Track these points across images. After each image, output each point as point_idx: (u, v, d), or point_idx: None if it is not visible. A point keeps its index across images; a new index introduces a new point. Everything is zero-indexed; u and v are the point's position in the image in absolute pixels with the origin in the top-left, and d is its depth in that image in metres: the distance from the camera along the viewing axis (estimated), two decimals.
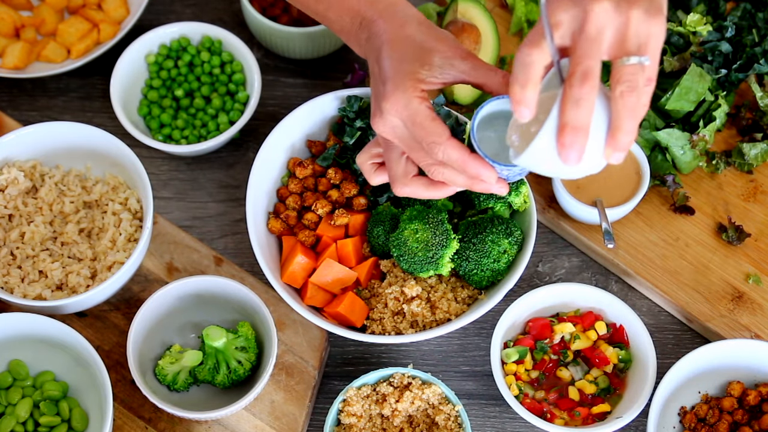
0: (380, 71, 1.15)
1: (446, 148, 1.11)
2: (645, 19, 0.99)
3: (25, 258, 1.38)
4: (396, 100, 1.12)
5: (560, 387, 1.37)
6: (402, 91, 1.11)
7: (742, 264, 1.45)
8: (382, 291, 1.34)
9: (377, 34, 1.17)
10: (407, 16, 1.17)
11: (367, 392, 1.34)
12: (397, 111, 1.12)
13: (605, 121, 1.02)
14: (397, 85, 1.12)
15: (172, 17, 1.66)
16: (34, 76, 1.54)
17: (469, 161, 1.12)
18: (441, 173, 1.14)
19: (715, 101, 1.48)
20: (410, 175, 1.18)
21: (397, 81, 1.12)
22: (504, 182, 1.16)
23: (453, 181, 1.15)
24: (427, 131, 1.11)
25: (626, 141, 1.01)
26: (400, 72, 1.12)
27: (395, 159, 1.18)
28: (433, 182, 1.18)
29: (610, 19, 0.99)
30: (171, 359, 1.34)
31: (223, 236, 1.50)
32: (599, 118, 1.02)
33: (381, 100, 1.13)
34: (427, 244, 1.29)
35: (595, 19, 0.98)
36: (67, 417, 1.31)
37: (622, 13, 0.98)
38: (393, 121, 1.13)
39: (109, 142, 1.41)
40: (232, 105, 1.54)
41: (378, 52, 1.16)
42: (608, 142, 1.02)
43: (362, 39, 1.20)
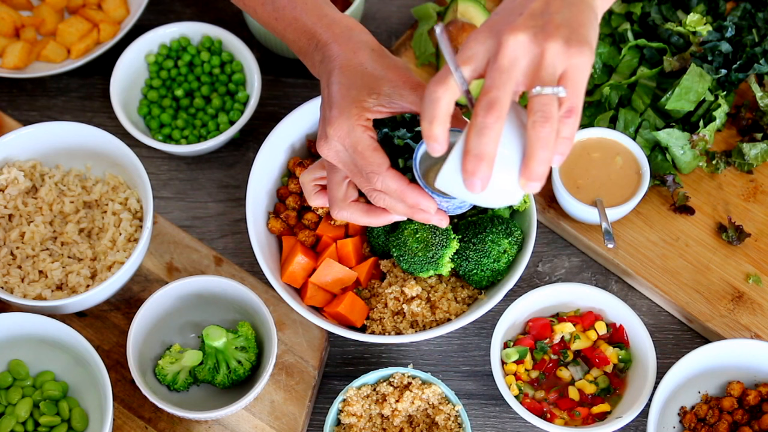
0: (329, 95, 1.16)
1: (385, 178, 1.13)
2: (563, 51, 0.99)
3: (25, 258, 1.38)
4: (340, 126, 1.13)
5: (560, 387, 1.37)
6: (346, 117, 1.13)
7: (742, 264, 1.45)
8: (382, 291, 1.34)
9: (330, 58, 1.19)
10: (361, 43, 1.19)
11: (367, 392, 1.34)
12: (340, 137, 1.14)
13: (521, 151, 1.03)
14: (342, 111, 1.13)
15: (172, 17, 1.66)
16: (34, 76, 1.54)
17: (408, 191, 1.14)
18: (382, 199, 1.16)
19: (715, 101, 1.48)
20: (349, 200, 1.21)
21: (343, 107, 1.14)
22: (443, 214, 1.18)
23: (393, 209, 1.17)
24: (367, 161, 1.13)
25: (540, 171, 1.00)
26: (347, 98, 1.14)
27: (336, 182, 1.20)
28: (372, 209, 1.20)
29: (524, 51, 0.99)
30: (171, 359, 1.34)
31: (223, 236, 1.50)
32: (515, 149, 1.03)
33: (326, 125, 1.15)
34: (426, 245, 1.29)
35: (507, 51, 0.99)
36: (67, 417, 1.31)
37: (538, 45, 0.99)
38: (336, 146, 1.15)
39: (109, 142, 1.41)
40: (232, 105, 1.54)
41: (329, 76, 1.17)
42: (522, 172, 1.02)
43: (316, 60, 1.22)
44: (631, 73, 1.52)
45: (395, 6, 1.69)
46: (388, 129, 1.25)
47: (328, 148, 1.16)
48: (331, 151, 1.16)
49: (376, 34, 1.66)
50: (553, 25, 0.99)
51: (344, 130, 1.13)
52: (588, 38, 1.00)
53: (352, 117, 1.13)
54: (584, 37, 1.00)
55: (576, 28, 1.00)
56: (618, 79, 1.51)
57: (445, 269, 1.31)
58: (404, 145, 1.25)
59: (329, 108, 1.15)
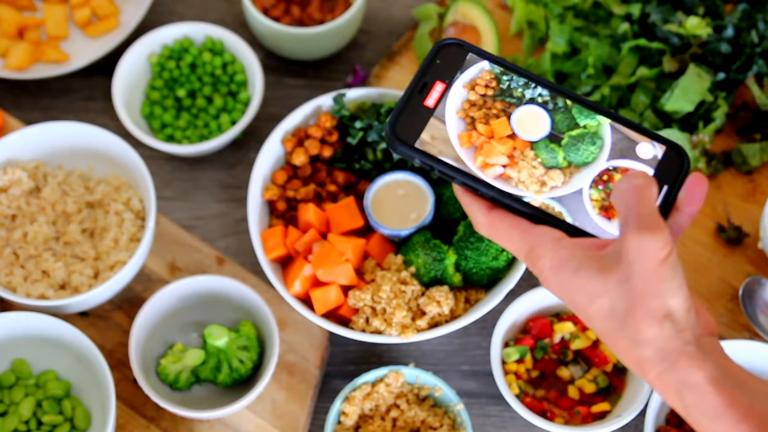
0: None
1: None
2: None
3: (28, 258, 1.38)
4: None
5: (560, 386, 1.37)
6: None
7: (741, 264, 1.45)
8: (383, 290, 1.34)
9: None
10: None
11: (368, 391, 1.34)
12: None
13: None
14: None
15: (175, 18, 1.67)
16: (37, 77, 1.55)
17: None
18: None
19: (715, 102, 1.49)
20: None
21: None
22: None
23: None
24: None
25: None
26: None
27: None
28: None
29: None
30: (173, 358, 1.34)
31: (224, 236, 1.51)
32: None
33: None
34: (427, 268, 1.30)
35: None
36: (69, 416, 1.32)
37: None
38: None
39: (112, 142, 1.42)
40: (234, 105, 1.55)
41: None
42: None
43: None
44: (630, 74, 1.52)
45: (396, 7, 1.69)
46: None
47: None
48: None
49: (376, 35, 1.67)
50: None
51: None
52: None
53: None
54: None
55: None
56: (618, 80, 1.52)
57: (456, 278, 1.32)
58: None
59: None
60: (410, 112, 0.90)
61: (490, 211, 0.90)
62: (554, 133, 0.89)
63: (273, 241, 1.36)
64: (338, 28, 1.55)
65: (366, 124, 1.41)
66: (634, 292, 0.81)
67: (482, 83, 0.90)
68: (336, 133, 1.42)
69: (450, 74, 0.91)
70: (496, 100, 0.90)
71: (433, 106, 0.90)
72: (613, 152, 0.89)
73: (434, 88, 0.90)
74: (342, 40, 1.59)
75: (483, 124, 0.89)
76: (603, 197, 0.88)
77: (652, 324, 0.81)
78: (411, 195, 1.36)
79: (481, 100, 0.90)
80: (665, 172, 0.89)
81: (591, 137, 0.89)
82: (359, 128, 1.41)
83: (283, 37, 1.55)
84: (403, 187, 1.36)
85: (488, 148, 0.88)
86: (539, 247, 0.87)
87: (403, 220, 1.35)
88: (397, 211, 1.35)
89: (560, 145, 0.89)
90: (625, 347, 0.83)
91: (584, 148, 0.89)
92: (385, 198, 1.35)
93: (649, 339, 0.81)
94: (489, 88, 0.90)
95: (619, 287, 0.82)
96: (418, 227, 1.34)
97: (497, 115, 0.89)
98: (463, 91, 0.90)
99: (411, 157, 0.89)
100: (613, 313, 0.82)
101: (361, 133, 1.41)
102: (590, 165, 0.88)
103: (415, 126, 0.90)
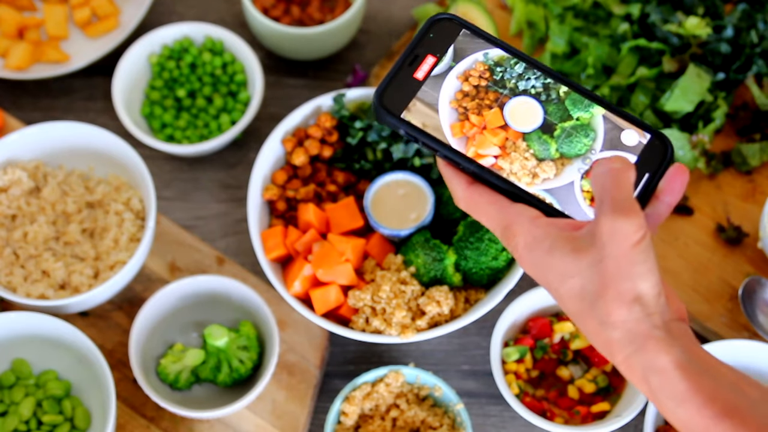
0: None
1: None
2: None
3: (28, 258, 1.38)
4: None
5: (560, 386, 1.37)
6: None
7: (740, 264, 1.45)
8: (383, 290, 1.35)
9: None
10: None
11: (368, 391, 1.34)
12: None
13: None
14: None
15: (175, 18, 1.67)
16: (37, 77, 1.55)
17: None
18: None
19: (714, 102, 1.49)
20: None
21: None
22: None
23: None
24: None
25: None
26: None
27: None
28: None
29: None
30: (173, 358, 1.34)
31: (224, 236, 1.51)
32: None
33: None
34: (426, 268, 1.30)
35: None
36: (70, 415, 1.32)
37: None
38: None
39: (112, 142, 1.42)
40: (234, 105, 1.55)
41: None
42: None
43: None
44: (630, 74, 1.52)
45: (396, 7, 1.69)
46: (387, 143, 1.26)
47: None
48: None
49: (376, 35, 1.67)
50: None
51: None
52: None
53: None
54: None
55: None
56: (617, 80, 1.52)
57: (456, 278, 1.32)
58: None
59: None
60: (399, 84, 0.90)
61: (470, 186, 0.91)
62: (547, 124, 0.89)
63: (273, 241, 1.36)
64: (338, 28, 1.55)
65: (366, 124, 1.41)
66: (605, 274, 0.81)
67: (476, 74, 0.90)
68: (336, 133, 1.42)
69: (442, 49, 0.92)
70: (489, 91, 0.90)
71: (423, 78, 0.91)
72: (605, 144, 0.89)
73: (425, 61, 0.91)
74: (342, 40, 1.60)
75: (476, 115, 0.89)
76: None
77: (622, 306, 0.81)
78: (411, 195, 1.36)
79: (474, 90, 0.90)
80: (648, 160, 0.89)
81: (584, 129, 0.89)
82: (359, 128, 1.41)
83: (283, 37, 1.55)
84: (403, 187, 1.36)
85: (480, 139, 0.89)
86: (515, 224, 0.87)
87: (403, 220, 1.35)
88: (396, 211, 1.35)
89: (553, 137, 0.89)
90: (594, 329, 0.83)
91: (577, 140, 0.89)
92: (385, 198, 1.36)
93: (618, 321, 0.82)
94: (482, 79, 0.90)
95: (591, 268, 0.82)
96: (417, 227, 1.34)
97: (490, 106, 0.89)
98: (457, 81, 0.90)
99: (396, 127, 0.90)
100: (584, 294, 0.83)
101: (361, 133, 1.41)
102: (582, 157, 0.89)
103: (403, 97, 0.90)
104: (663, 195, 0.88)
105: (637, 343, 0.81)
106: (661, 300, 0.82)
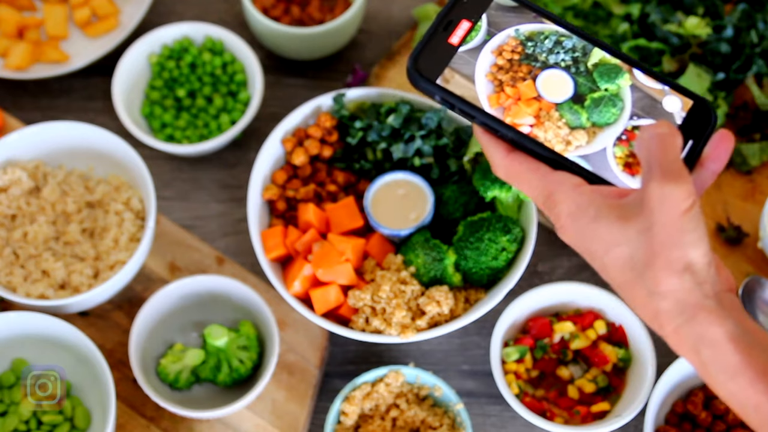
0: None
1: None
2: None
3: (28, 257, 1.38)
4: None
5: (560, 386, 1.37)
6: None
7: (740, 264, 1.45)
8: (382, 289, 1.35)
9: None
10: None
11: (368, 390, 1.34)
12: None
13: None
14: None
15: (175, 18, 1.67)
16: (37, 77, 1.55)
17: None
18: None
19: (714, 102, 1.49)
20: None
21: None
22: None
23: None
24: None
25: None
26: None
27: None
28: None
29: None
30: (173, 358, 1.34)
31: (224, 236, 1.51)
32: None
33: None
34: (426, 268, 1.30)
35: None
36: (69, 415, 1.32)
37: None
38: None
39: (112, 142, 1.42)
40: (234, 105, 1.55)
41: None
42: None
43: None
44: None
45: (396, 7, 1.69)
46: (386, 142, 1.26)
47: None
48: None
49: (376, 35, 1.67)
50: None
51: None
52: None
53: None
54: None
55: None
56: None
57: (456, 278, 1.32)
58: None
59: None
60: (433, 49, 0.91)
61: (510, 154, 0.89)
62: (577, 95, 0.91)
63: (273, 241, 1.36)
64: (338, 28, 1.55)
65: (366, 124, 1.41)
66: (654, 242, 0.79)
67: (508, 49, 0.92)
68: (336, 133, 1.42)
69: (476, 13, 0.92)
70: (522, 64, 0.92)
71: (458, 44, 0.92)
72: (634, 112, 0.90)
73: (459, 26, 0.92)
74: (342, 40, 1.60)
75: (510, 87, 0.91)
76: (626, 154, 0.89)
77: (672, 275, 0.79)
78: (411, 195, 1.36)
79: (507, 64, 0.92)
80: (691, 127, 0.89)
81: (612, 99, 0.91)
82: (359, 128, 1.41)
83: (283, 37, 1.55)
84: (402, 187, 1.36)
85: (516, 109, 0.90)
86: (558, 192, 0.85)
87: (403, 220, 1.35)
88: (396, 211, 1.35)
89: (583, 107, 0.90)
90: (642, 299, 0.81)
91: (606, 109, 0.91)
92: (385, 198, 1.36)
93: (668, 291, 0.79)
94: (515, 53, 0.92)
95: (639, 236, 0.80)
96: (417, 227, 1.34)
97: (523, 78, 0.91)
98: (491, 55, 0.92)
99: (431, 93, 0.90)
100: (632, 263, 0.80)
101: (360, 133, 1.41)
102: (612, 125, 0.90)
103: (438, 63, 0.91)
104: (708, 162, 0.86)
105: (688, 313, 0.79)
106: (712, 269, 0.80)
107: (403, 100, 1.42)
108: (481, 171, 1.32)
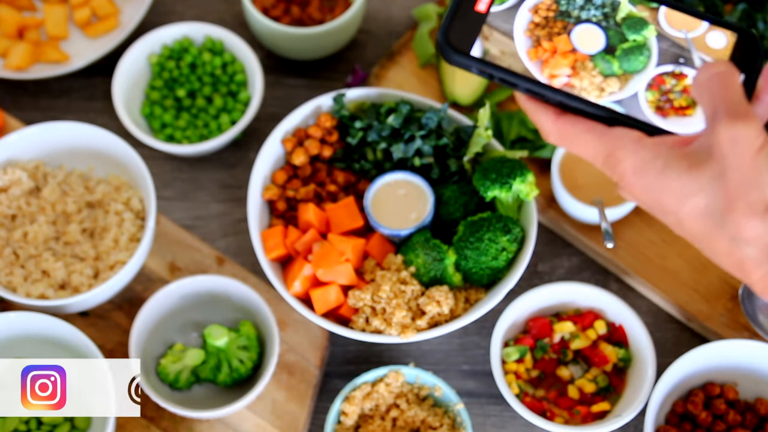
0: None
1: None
2: None
3: (28, 257, 1.38)
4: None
5: (560, 386, 1.37)
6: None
7: None
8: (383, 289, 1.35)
9: None
10: None
11: (368, 390, 1.34)
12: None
13: None
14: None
15: (175, 18, 1.67)
16: (37, 77, 1.55)
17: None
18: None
19: None
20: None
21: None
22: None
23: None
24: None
25: None
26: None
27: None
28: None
29: None
30: (173, 358, 1.34)
31: (224, 236, 1.51)
32: None
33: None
34: (426, 268, 1.30)
35: None
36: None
37: None
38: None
39: (112, 142, 1.42)
40: (234, 105, 1.55)
41: None
42: None
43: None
44: None
45: (396, 7, 1.69)
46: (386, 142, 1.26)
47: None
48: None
49: (376, 35, 1.67)
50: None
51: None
52: None
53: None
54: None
55: None
56: None
57: (456, 278, 1.32)
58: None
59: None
60: (461, 19, 0.90)
61: (560, 117, 0.86)
62: (609, 46, 0.93)
63: (273, 241, 1.36)
64: (338, 28, 1.55)
65: (366, 124, 1.41)
66: (730, 187, 0.75)
67: (544, 7, 0.95)
68: (336, 133, 1.42)
69: None
70: (557, 21, 0.94)
71: (485, 10, 0.92)
72: (661, 59, 0.92)
73: None
74: (342, 40, 1.60)
75: (547, 41, 0.93)
76: (658, 98, 0.91)
77: (754, 219, 0.75)
78: (411, 195, 1.36)
79: (543, 21, 0.94)
80: (740, 61, 0.88)
81: (640, 49, 0.94)
82: (359, 128, 1.41)
83: (283, 37, 1.55)
84: (403, 187, 1.36)
85: (553, 61, 0.92)
86: (619, 149, 0.81)
87: (403, 220, 1.35)
88: (397, 211, 1.35)
89: (615, 56, 0.93)
90: (725, 248, 0.77)
91: (634, 57, 0.93)
92: (385, 198, 1.36)
93: (752, 236, 0.75)
94: (550, 11, 0.95)
95: (714, 183, 0.76)
96: (418, 227, 1.34)
97: (559, 33, 0.94)
98: (528, 14, 0.94)
99: (467, 67, 0.89)
100: (709, 211, 0.76)
101: (361, 133, 1.41)
102: (642, 71, 0.92)
103: (469, 32, 0.90)
104: (763, 94, 0.82)
105: None
106: None
107: (403, 100, 1.42)
108: (481, 171, 1.32)
